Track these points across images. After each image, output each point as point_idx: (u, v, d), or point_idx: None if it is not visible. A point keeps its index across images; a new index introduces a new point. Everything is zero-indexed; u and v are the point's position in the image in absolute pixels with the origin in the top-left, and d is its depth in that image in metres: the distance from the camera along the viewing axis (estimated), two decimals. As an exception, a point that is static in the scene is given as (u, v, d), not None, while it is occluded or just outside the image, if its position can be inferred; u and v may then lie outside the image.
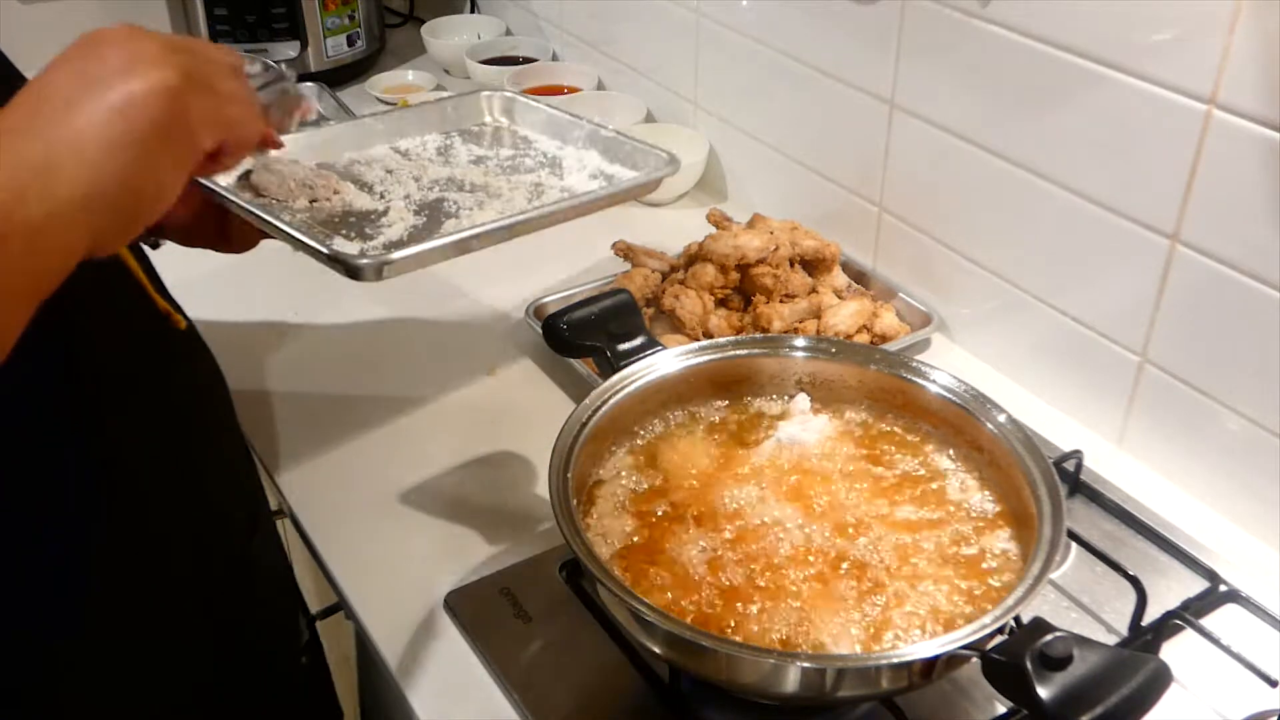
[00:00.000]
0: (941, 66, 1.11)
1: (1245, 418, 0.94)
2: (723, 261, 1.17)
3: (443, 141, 1.12)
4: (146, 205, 0.58)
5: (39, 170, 0.52)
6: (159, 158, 0.57)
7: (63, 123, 0.54)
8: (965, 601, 0.76)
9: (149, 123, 0.56)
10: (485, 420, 1.11)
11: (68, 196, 0.52)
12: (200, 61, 0.62)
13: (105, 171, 0.54)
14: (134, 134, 0.56)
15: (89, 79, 0.57)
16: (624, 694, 0.82)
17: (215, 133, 0.62)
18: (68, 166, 0.53)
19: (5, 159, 0.52)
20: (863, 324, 1.17)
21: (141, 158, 0.56)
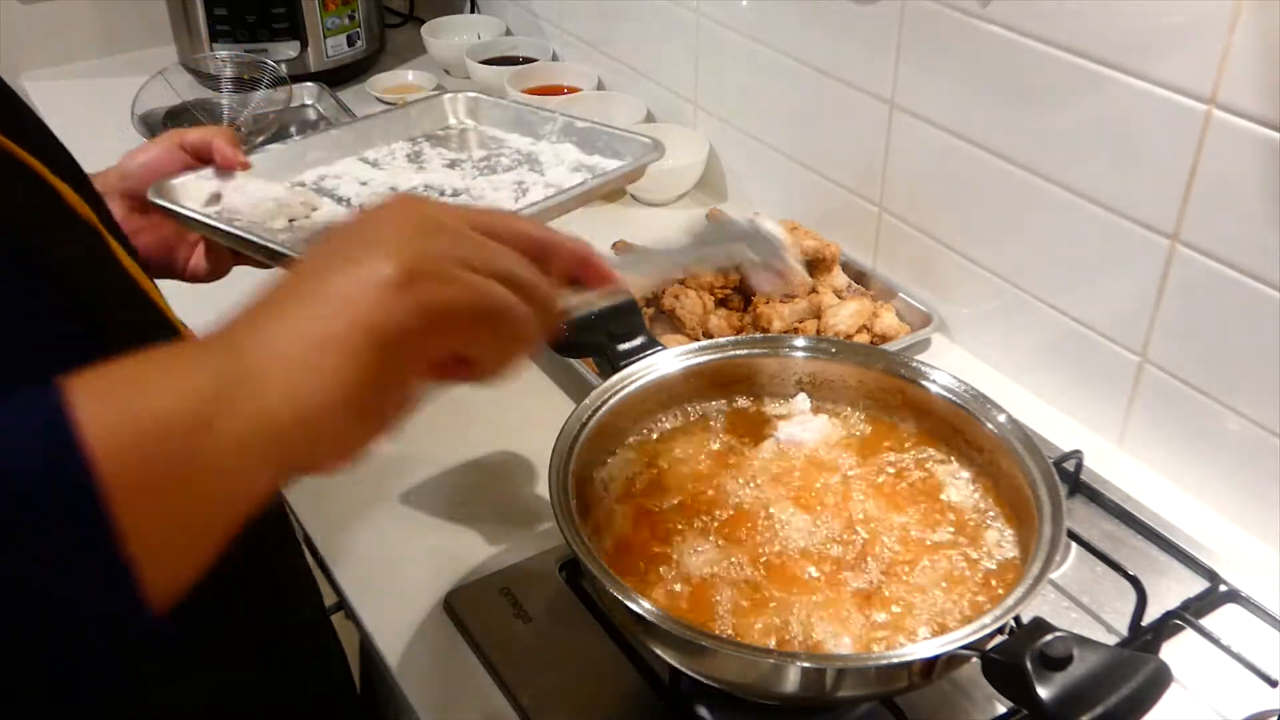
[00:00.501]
0: (941, 66, 1.11)
1: (1245, 418, 0.94)
2: None
3: (411, 149, 1.11)
4: (355, 422, 0.49)
5: (244, 374, 0.45)
6: (368, 360, 0.48)
7: (280, 316, 0.48)
8: (965, 601, 0.76)
9: (356, 318, 0.47)
10: (485, 420, 1.10)
11: (270, 407, 0.45)
12: (457, 243, 0.52)
13: (307, 376, 0.46)
14: (336, 330, 0.47)
15: (322, 264, 0.50)
16: (624, 694, 0.82)
17: (447, 332, 0.51)
18: (273, 370, 0.46)
19: (214, 353, 0.46)
20: (863, 324, 1.17)
21: (347, 359, 0.47)
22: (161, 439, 0.42)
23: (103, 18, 1.91)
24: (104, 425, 0.41)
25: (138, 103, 1.60)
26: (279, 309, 0.48)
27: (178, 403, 0.43)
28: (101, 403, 0.41)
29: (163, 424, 0.42)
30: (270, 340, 0.47)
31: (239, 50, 1.71)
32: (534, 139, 1.12)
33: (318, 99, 1.73)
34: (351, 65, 1.81)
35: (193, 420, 0.43)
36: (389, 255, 0.49)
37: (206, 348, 0.47)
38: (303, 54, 1.75)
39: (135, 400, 0.43)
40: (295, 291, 0.49)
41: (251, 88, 1.65)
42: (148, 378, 0.44)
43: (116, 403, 0.42)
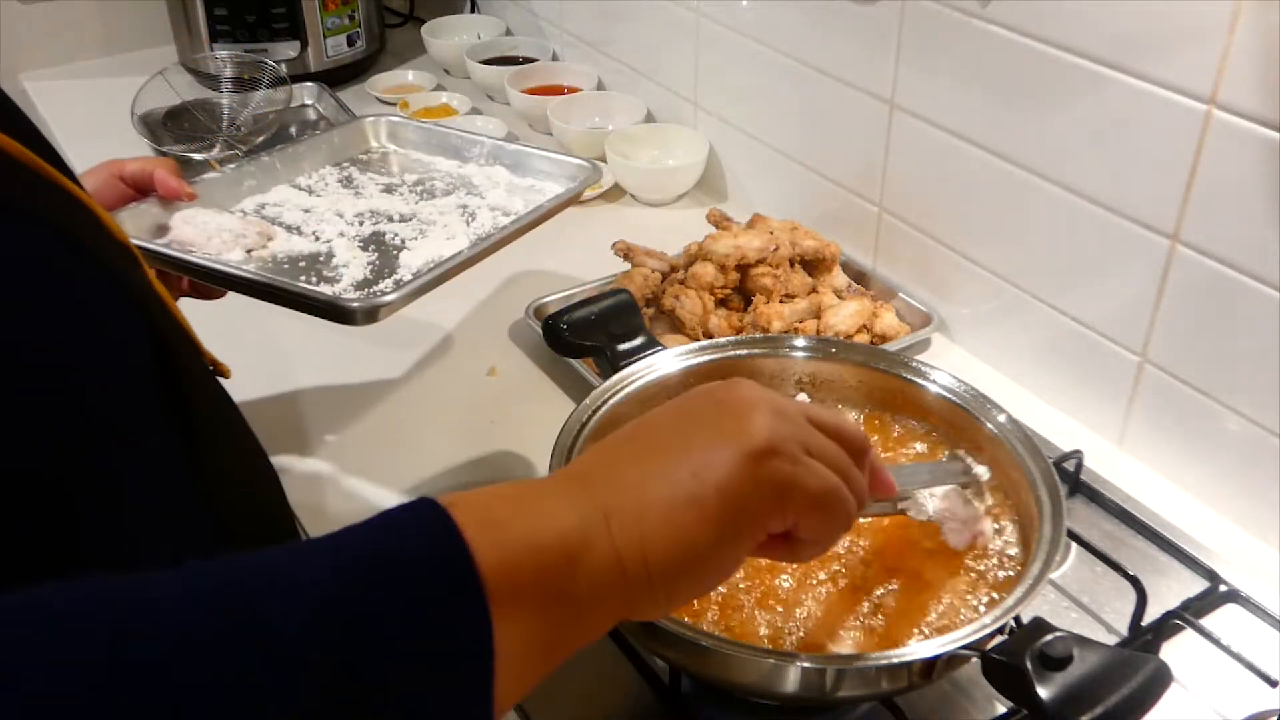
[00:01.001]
0: (941, 66, 1.11)
1: (1245, 418, 0.94)
2: (723, 261, 1.17)
3: (340, 174, 1.12)
4: (697, 572, 0.52)
5: (607, 512, 0.49)
6: (718, 521, 0.52)
7: (640, 469, 0.52)
8: (965, 601, 0.76)
9: (715, 481, 0.52)
10: (485, 420, 1.11)
11: (624, 541, 0.49)
12: (799, 429, 0.56)
13: (660, 523, 0.50)
14: (696, 491, 0.51)
15: (680, 431, 0.54)
16: (624, 694, 0.82)
17: (788, 507, 0.55)
18: (629, 512, 0.50)
19: (583, 494, 0.50)
20: (863, 324, 1.17)
21: (700, 517, 0.51)
22: (537, 568, 0.45)
23: (103, 18, 1.91)
24: (487, 545, 0.44)
25: (138, 103, 1.60)
26: (640, 461, 0.53)
27: (552, 537, 0.47)
28: (482, 528, 0.44)
29: (538, 551, 0.46)
30: (631, 488, 0.51)
31: (239, 50, 1.71)
32: (460, 162, 1.13)
33: (318, 99, 1.73)
34: (351, 65, 1.81)
35: (562, 554, 0.47)
36: (754, 427, 0.54)
37: (568, 489, 0.50)
38: (303, 54, 1.75)
39: (514, 526, 0.46)
40: (655, 446, 0.54)
41: (251, 88, 1.65)
42: (523, 508, 0.47)
43: (497, 526, 0.45)
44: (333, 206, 1.05)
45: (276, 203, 1.06)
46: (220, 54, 1.70)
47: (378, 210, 1.05)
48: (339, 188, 1.09)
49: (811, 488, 0.55)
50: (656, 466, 0.52)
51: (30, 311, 0.50)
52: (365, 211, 1.04)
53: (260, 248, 0.97)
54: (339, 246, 0.98)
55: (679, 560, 0.50)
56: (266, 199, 1.06)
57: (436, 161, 1.14)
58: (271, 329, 1.22)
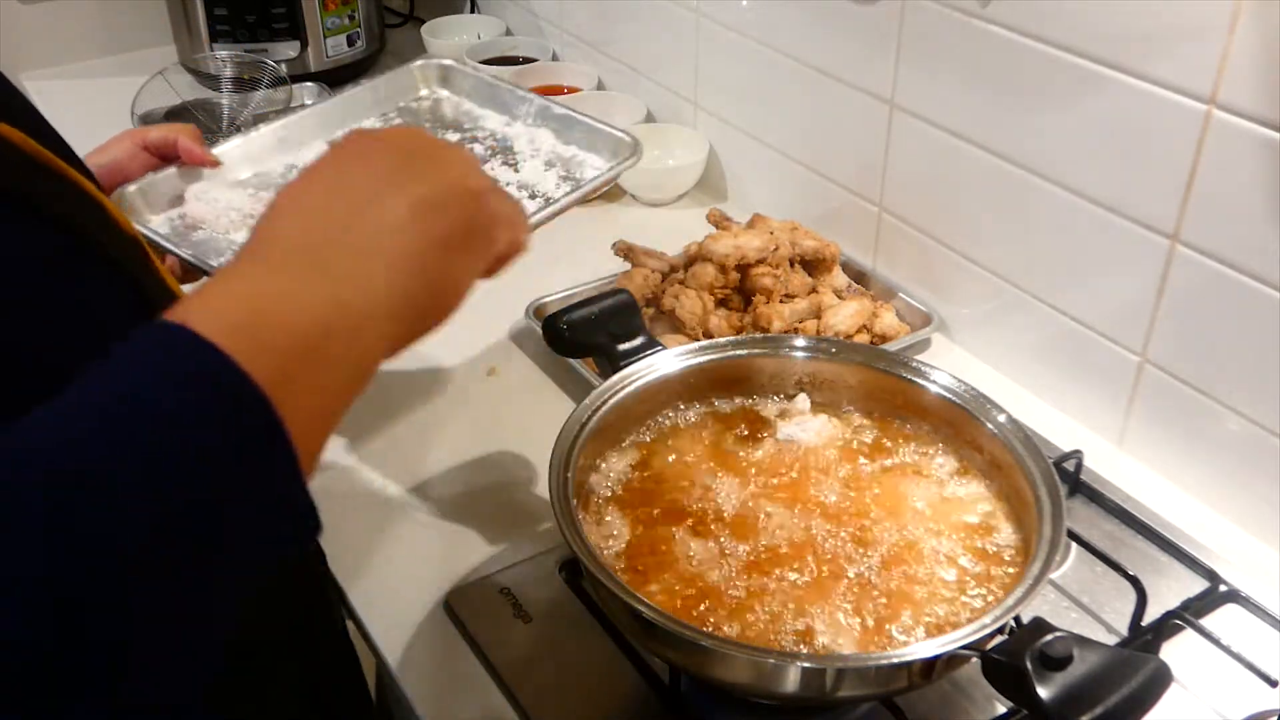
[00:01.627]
0: (941, 66, 1.11)
1: (1245, 418, 0.94)
2: (723, 261, 1.17)
3: (381, 125, 1.07)
4: (444, 307, 0.58)
5: (351, 275, 0.51)
6: (461, 255, 0.57)
7: (369, 222, 0.53)
8: (965, 601, 0.76)
9: (455, 219, 0.56)
10: (485, 420, 1.11)
11: (381, 298, 0.52)
12: (476, 164, 0.62)
13: (413, 270, 0.54)
14: (439, 230, 0.55)
15: (381, 176, 0.56)
16: (624, 694, 0.82)
17: (505, 232, 0.61)
18: (378, 266, 0.52)
19: (314, 264, 0.51)
20: (863, 324, 1.17)
21: (446, 255, 0.56)
22: (298, 354, 0.47)
23: (103, 18, 1.91)
24: (247, 353, 0.44)
25: (138, 103, 1.60)
26: (354, 218, 0.53)
27: (303, 319, 0.48)
28: (235, 337, 0.44)
29: (295, 340, 0.47)
30: (369, 242, 0.53)
31: (239, 50, 1.71)
32: (509, 119, 1.09)
33: (318, 99, 1.72)
34: (351, 65, 1.81)
35: (317, 329, 0.48)
36: (459, 171, 0.58)
37: (291, 262, 0.50)
38: (303, 54, 1.75)
39: (264, 324, 0.46)
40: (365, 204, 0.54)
41: (251, 88, 1.65)
42: (264, 304, 0.47)
43: (249, 330, 0.45)
44: None
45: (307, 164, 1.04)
46: (220, 54, 1.70)
47: None
48: None
49: (513, 215, 0.62)
50: (389, 217, 0.54)
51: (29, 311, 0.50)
52: None
53: None
54: None
55: (433, 298, 0.56)
56: (297, 160, 1.03)
57: (486, 116, 1.10)
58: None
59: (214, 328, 0.44)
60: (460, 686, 0.84)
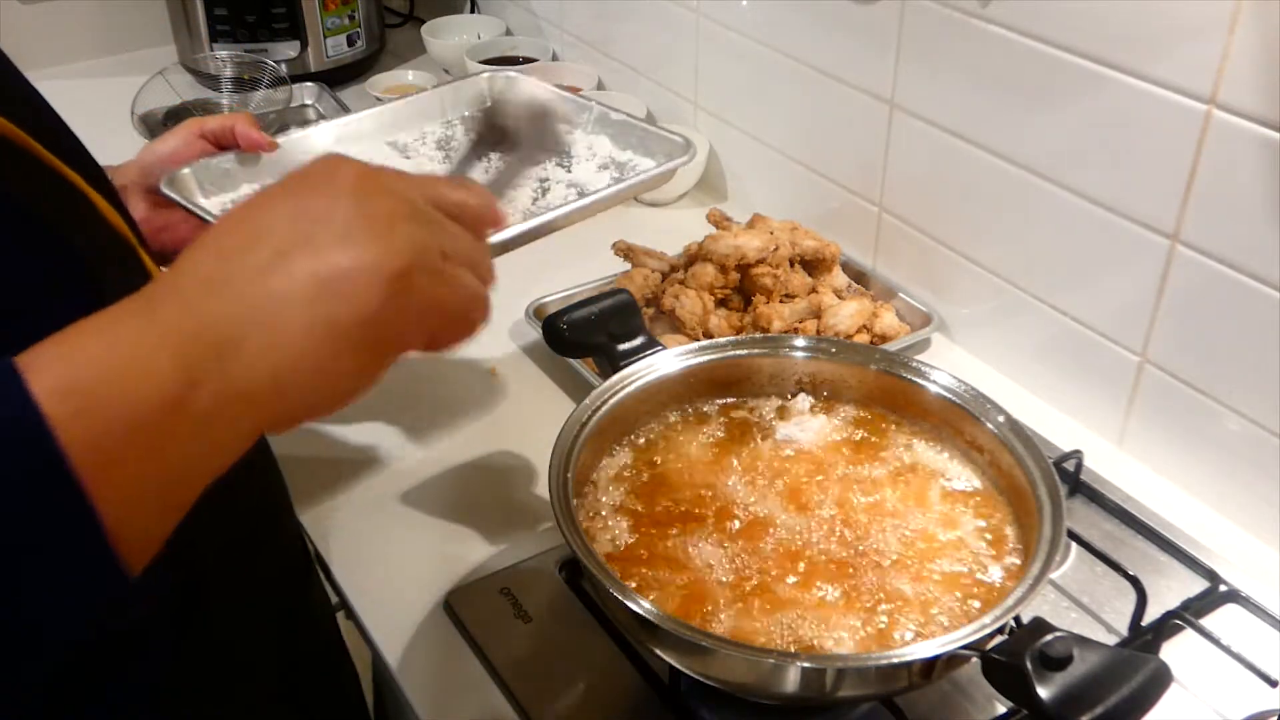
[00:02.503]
0: (941, 66, 1.11)
1: (1245, 418, 0.94)
2: (723, 261, 1.17)
3: (443, 133, 1.09)
4: (334, 399, 0.49)
5: (220, 344, 0.45)
6: (360, 350, 0.48)
7: (261, 281, 0.46)
8: (965, 601, 0.76)
9: (358, 310, 0.47)
10: (485, 420, 1.11)
11: (248, 378, 0.45)
12: (436, 231, 0.52)
13: (294, 355, 0.46)
14: (338, 319, 0.47)
15: (304, 231, 0.48)
16: (624, 694, 0.82)
17: (430, 324, 0.52)
18: (253, 341, 0.45)
19: (186, 323, 0.45)
20: (863, 324, 1.17)
21: (341, 347, 0.47)
22: (132, 427, 0.42)
23: (103, 18, 1.91)
24: (70, 417, 0.41)
25: (138, 103, 1.60)
26: (262, 274, 0.46)
27: (147, 390, 0.43)
28: (65, 399, 0.41)
29: (132, 412, 0.42)
30: (251, 309, 0.46)
31: (239, 50, 1.71)
32: (569, 126, 1.10)
33: (317, 99, 1.73)
34: (351, 65, 1.81)
35: (162, 405, 0.43)
36: (386, 247, 0.48)
37: (166, 322, 0.45)
38: (303, 54, 1.75)
39: (101, 390, 0.42)
40: (277, 253, 0.47)
41: (251, 88, 1.65)
42: (112, 364, 0.43)
43: (82, 394, 0.42)
44: (416, 169, 1.03)
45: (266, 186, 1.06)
46: (220, 54, 1.70)
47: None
48: (433, 149, 1.07)
49: (453, 305, 0.52)
50: (283, 283, 0.46)
51: None
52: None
53: None
54: None
55: (312, 393, 0.48)
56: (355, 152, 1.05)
57: None
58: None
59: (49, 384, 0.41)
60: (460, 686, 0.84)
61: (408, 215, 0.50)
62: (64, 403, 0.41)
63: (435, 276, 0.51)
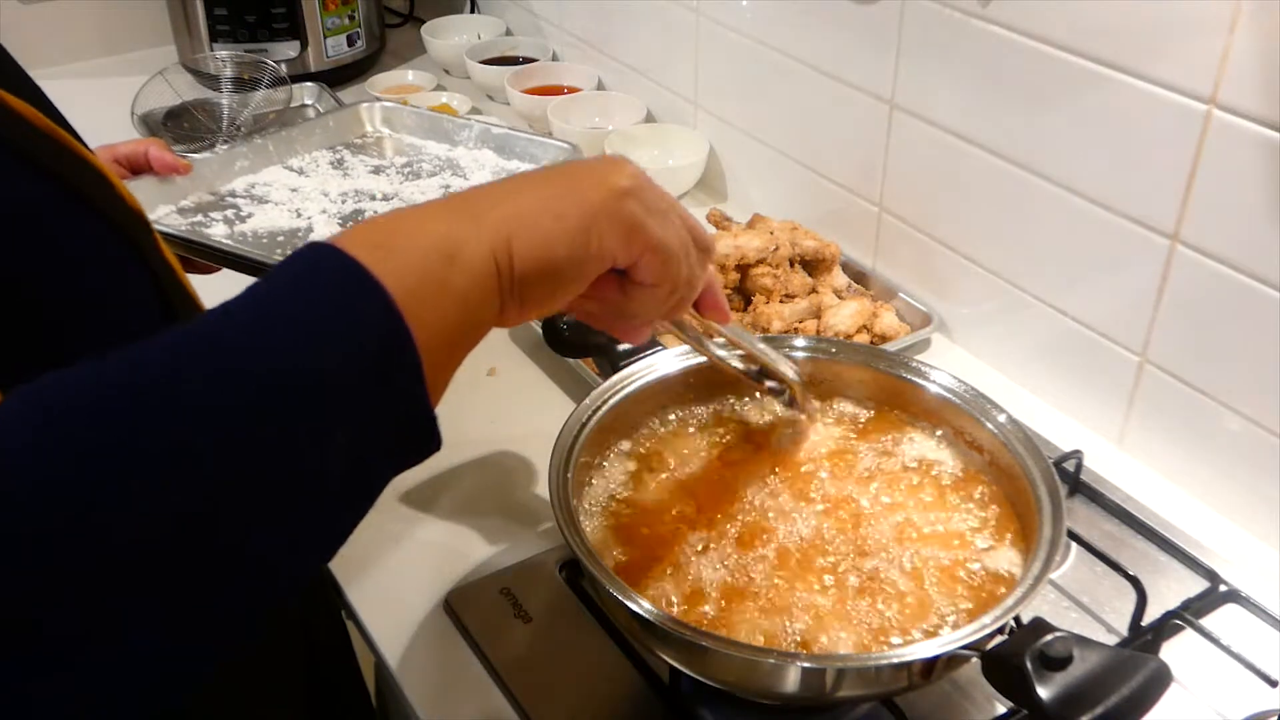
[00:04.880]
0: (941, 66, 1.11)
1: (1245, 418, 0.94)
2: (722, 261, 1.18)
3: (333, 156, 1.15)
4: (547, 288, 0.57)
5: (477, 215, 0.54)
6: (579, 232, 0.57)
7: (528, 193, 0.57)
8: (965, 601, 0.76)
9: (583, 210, 0.57)
10: (485, 420, 1.11)
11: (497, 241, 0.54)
12: (664, 201, 0.62)
13: (535, 226, 0.56)
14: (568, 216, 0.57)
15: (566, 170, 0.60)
16: (624, 694, 0.82)
17: (637, 254, 0.61)
18: (505, 221, 0.55)
19: (454, 201, 0.55)
20: (863, 324, 1.17)
21: (566, 238, 0.57)
22: (423, 273, 0.51)
23: (103, 18, 1.91)
24: (381, 263, 0.49)
25: (138, 103, 1.60)
26: (518, 185, 0.58)
27: (430, 240, 0.52)
28: (374, 251, 0.49)
29: (423, 259, 0.51)
30: (504, 199, 0.56)
31: (239, 50, 1.71)
32: (450, 145, 1.17)
33: (318, 99, 1.73)
34: (351, 65, 1.81)
35: (440, 254, 0.52)
36: (621, 176, 0.59)
37: (446, 205, 0.55)
38: (303, 54, 1.75)
39: (398, 242, 0.51)
40: (535, 178, 0.60)
41: (251, 88, 1.65)
42: (401, 226, 0.53)
43: (386, 248, 0.50)
44: (319, 186, 1.09)
45: (266, 183, 1.10)
46: (220, 54, 1.70)
47: (362, 190, 1.08)
48: (329, 169, 1.12)
49: (657, 234, 0.60)
50: (530, 187, 0.58)
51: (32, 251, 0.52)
52: (350, 191, 1.08)
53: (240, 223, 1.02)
54: (319, 222, 1.02)
55: (537, 263, 0.55)
56: (257, 179, 1.10)
57: (428, 145, 1.18)
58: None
59: (359, 241, 0.49)
60: (460, 686, 0.84)
61: (640, 174, 0.61)
62: (373, 253, 0.49)
63: (646, 208, 0.60)
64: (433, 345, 0.50)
